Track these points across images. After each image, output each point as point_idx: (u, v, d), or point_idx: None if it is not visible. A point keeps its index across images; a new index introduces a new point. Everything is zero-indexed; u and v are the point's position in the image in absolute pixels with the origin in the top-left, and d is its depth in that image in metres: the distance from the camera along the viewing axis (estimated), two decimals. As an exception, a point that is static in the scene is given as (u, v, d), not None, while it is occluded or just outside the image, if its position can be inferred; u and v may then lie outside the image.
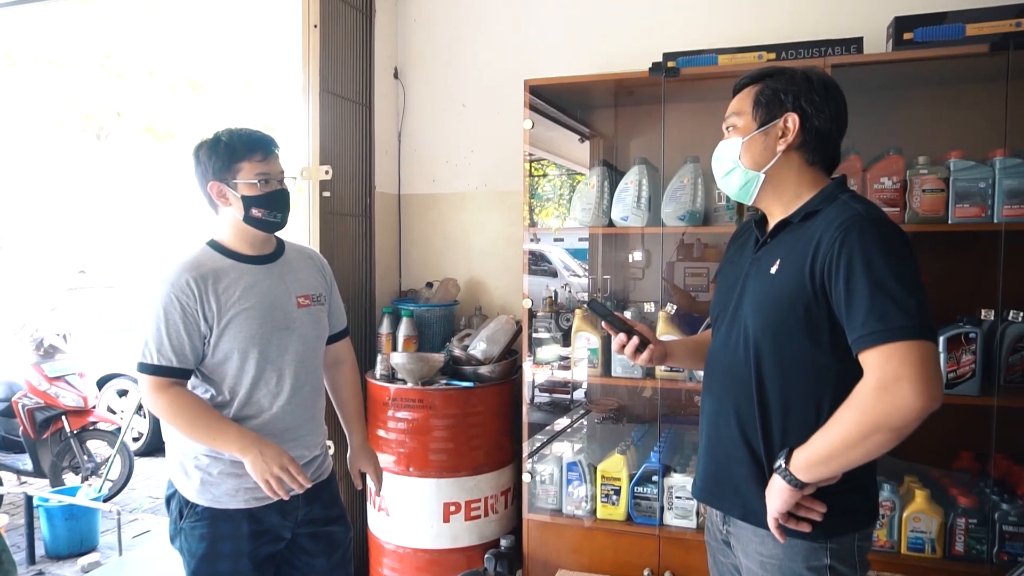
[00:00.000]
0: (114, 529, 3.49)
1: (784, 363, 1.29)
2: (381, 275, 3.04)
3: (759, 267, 1.36)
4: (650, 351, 1.52)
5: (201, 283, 1.59)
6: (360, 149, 2.89)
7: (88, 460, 4.33)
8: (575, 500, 2.53)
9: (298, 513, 1.75)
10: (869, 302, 1.17)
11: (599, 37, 2.83)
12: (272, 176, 1.65)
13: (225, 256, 1.67)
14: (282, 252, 1.77)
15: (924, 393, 1.12)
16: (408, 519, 2.61)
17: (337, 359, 1.96)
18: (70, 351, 4.68)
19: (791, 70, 1.36)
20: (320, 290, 1.81)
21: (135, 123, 10.07)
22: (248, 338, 1.62)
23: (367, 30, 2.93)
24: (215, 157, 1.62)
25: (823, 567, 1.29)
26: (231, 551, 1.64)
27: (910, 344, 1.14)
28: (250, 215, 1.63)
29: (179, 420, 1.58)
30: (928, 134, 2.39)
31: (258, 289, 1.65)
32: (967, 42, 2.08)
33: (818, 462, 1.21)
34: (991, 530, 2.08)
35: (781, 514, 1.26)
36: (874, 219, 1.22)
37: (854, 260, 1.18)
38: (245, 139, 1.63)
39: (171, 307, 1.57)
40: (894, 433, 1.15)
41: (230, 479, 1.64)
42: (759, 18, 2.60)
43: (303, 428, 1.72)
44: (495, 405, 2.67)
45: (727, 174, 1.41)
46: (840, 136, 1.37)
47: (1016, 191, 2.06)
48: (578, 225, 2.58)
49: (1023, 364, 2.16)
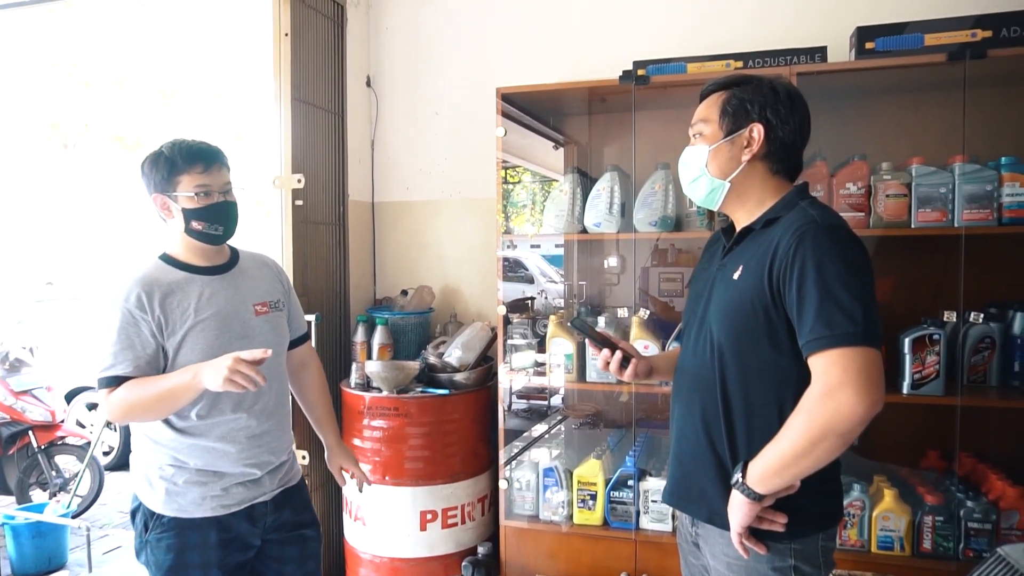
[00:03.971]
0: (84, 546, 3.41)
1: (746, 367, 1.31)
2: (355, 283, 3.03)
3: (724, 273, 1.38)
4: (634, 366, 1.53)
5: (151, 299, 1.58)
6: (333, 157, 2.88)
7: (56, 476, 4.23)
8: (552, 506, 2.53)
9: (267, 519, 1.73)
10: (817, 308, 1.20)
11: (570, 45, 2.86)
12: (213, 188, 1.63)
13: (177, 268, 1.66)
14: (236, 261, 1.76)
15: (865, 398, 1.15)
16: (385, 528, 2.60)
17: (302, 363, 1.95)
18: (37, 364, 4.59)
19: (758, 79, 1.39)
20: (278, 296, 1.80)
21: (104, 132, 9.91)
22: (206, 349, 1.60)
23: (339, 38, 2.92)
24: (155, 170, 1.62)
25: (788, 567, 1.31)
26: (199, 561, 1.61)
27: (854, 350, 1.17)
28: (190, 227, 1.62)
29: (136, 403, 1.55)
30: (891, 140, 2.45)
31: (214, 300, 1.64)
32: (926, 51, 2.15)
33: (772, 473, 1.24)
34: (957, 527, 2.13)
35: (744, 528, 1.28)
36: (828, 226, 1.25)
37: (806, 266, 1.21)
38: (185, 151, 1.62)
39: (125, 321, 1.56)
40: (840, 439, 1.18)
41: (195, 487, 1.62)
42: (726, 27, 2.64)
43: (270, 434, 1.71)
44: (471, 412, 2.67)
45: (693, 181, 1.43)
46: (803, 145, 1.41)
47: (975, 196, 2.12)
48: (552, 232, 2.59)
49: (985, 364, 2.22)
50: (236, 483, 1.66)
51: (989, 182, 2.11)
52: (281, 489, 1.75)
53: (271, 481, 1.73)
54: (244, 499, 1.68)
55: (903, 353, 2.18)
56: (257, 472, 1.69)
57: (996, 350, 2.20)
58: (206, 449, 1.63)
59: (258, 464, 1.69)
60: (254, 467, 1.68)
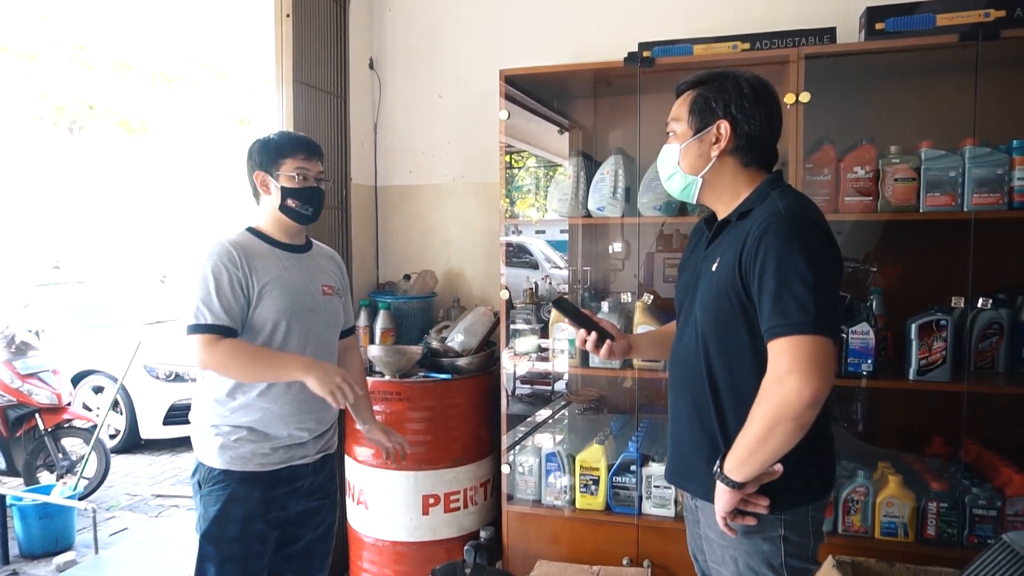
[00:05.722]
0: (90, 527, 3.44)
1: (728, 352, 1.38)
2: (358, 267, 3.02)
3: (707, 264, 1.44)
4: (608, 346, 1.59)
5: (240, 257, 1.75)
6: (336, 141, 2.86)
7: (63, 458, 4.27)
8: (554, 491, 2.53)
9: (307, 480, 1.86)
10: (774, 297, 1.26)
11: (575, 27, 2.82)
12: (310, 173, 1.83)
13: (262, 240, 1.84)
14: (311, 247, 1.95)
15: (810, 384, 1.21)
16: (387, 512, 2.60)
17: (346, 348, 2.09)
18: (43, 348, 4.61)
19: (723, 76, 1.43)
20: (339, 285, 1.98)
21: (108, 117, 9.91)
22: (280, 311, 1.76)
23: (341, 20, 2.89)
24: (264, 151, 1.82)
25: (777, 537, 1.37)
26: (242, 513, 1.75)
27: (803, 339, 1.23)
28: (285, 204, 1.81)
29: (240, 362, 1.71)
30: (900, 124, 2.41)
31: (290, 272, 1.82)
32: (937, 32, 2.11)
33: (743, 461, 1.30)
34: (962, 514, 2.12)
35: (727, 513, 1.36)
36: (791, 217, 1.29)
37: (768, 257, 1.27)
38: (293, 139, 1.85)
39: (220, 273, 1.72)
40: (793, 423, 1.23)
41: (247, 444, 1.76)
42: (734, 8, 2.60)
43: (319, 402, 1.81)
44: (473, 397, 2.66)
45: (669, 178, 1.51)
46: (774, 137, 1.44)
47: (985, 180, 2.09)
48: (555, 216, 2.57)
49: (992, 350, 2.20)
50: (284, 445, 1.80)
51: (1000, 166, 2.08)
52: (322, 455, 1.91)
53: (315, 446, 1.87)
54: (289, 459, 1.81)
55: (910, 339, 2.16)
56: (305, 436, 1.83)
57: (1004, 336, 2.18)
58: (261, 410, 1.77)
59: (306, 429, 1.83)
60: (303, 431, 1.82)
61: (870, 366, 2.17)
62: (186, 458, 5.27)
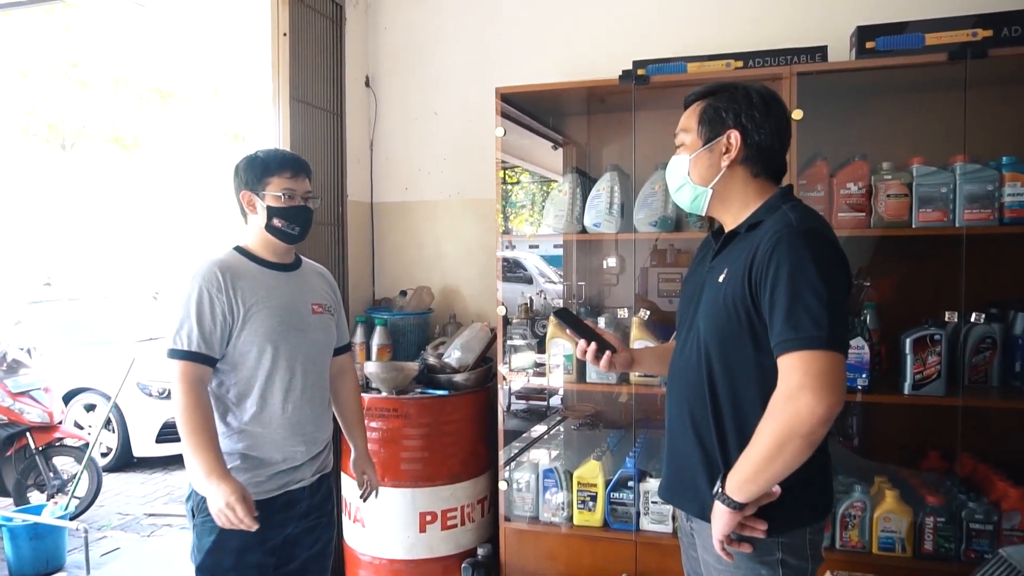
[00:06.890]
0: (81, 548, 3.40)
1: (731, 366, 1.35)
2: (354, 284, 3.02)
3: (712, 275, 1.42)
4: (608, 356, 1.57)
5: (225, 279, 1.72)
6: (332, 158, 2.88)
7: (54, 477, 4.22)
8: (552, 507, 2.52)
9: (303, 504, 1.83)
10: (786, 312, 1.24)
11: (570, 45, 2.85)
12: (297, 193, 1.79)
13: (250, 260, 1.81)
14: (300, 264, 1.92)
15: (823, 400, 1.19)
16: (384, 530, 2.59)
17: (341, 369, 2.06)
18: (35, 365, 4.57)
19: (733, 87, 1.42)
20: (331, 302, 1.95)
21: (102, 133, 9.90)
22: (266, 334, 1.73)
23: (337, 38, 2.91)
24: (250, 169, 1.79)
25: (775, 561, 1.34)
26: (237, 545, 1.70)
27: (815, 354, 1.21)
28: (271, 224, 1.78)
29: (188, 417, 1.65)
30: (892, 140, 2.44)
31: (278, 292, 1.79)
32: (927, 51, 2.14)
33: (747, 480, 1.27)
34: (959, 528, 2.12)
35: (725, 536, 1.32)
36: (804, 231, 1.28)
37: (780, 271, 1.25)
38: (279, 158, 1.82)
39: (203, 298, 1.69)
40: (804, 440, 1.21)
41: (241, 473, 1.72)
42: (727, 27, 2.64)
43: (312, 424, 1.82)
44: (470, 413, 2.66)
45: (678, 189, 1.49)
46: (783, 147, 1.44)
47: (976, 196, 2.11)
48: (551, 232, 2.58)
49: (986, 364, 2.21)
50: (278, 470, 1.76)
51: (990, 182, 2.11)
52: (319, 476, 1.88)
53: (311, 467, 1.84)
54: (286, 484, 1.78)
55: (904, 353, 2.18)
56: (299, 459, 1.80)
57: (997, 350, 2.20)
58: (253, 435, 1.74)
59: (300, 452, 1.80)
60: (296, 454, 1.79)
61: (865, 380, 2.19)
62: (179, 476, 5.22)
